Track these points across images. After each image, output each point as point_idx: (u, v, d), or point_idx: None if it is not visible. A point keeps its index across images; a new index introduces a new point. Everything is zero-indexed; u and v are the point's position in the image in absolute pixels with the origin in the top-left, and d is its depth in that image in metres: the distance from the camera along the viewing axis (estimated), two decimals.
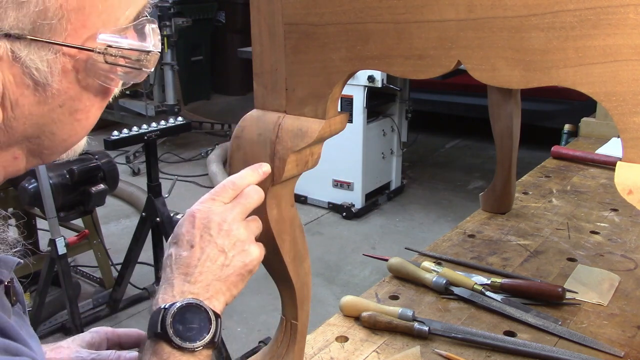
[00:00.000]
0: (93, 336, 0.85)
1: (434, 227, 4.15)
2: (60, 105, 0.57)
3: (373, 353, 1.12)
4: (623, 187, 0.64)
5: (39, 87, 0.55)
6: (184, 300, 0.69)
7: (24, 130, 0.56)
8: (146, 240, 2.87)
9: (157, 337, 0.68)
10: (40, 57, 0.53)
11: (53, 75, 0.55)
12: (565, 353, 1.10)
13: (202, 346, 0.68)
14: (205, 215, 0.74)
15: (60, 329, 2.96)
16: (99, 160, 2.72)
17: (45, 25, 0.52)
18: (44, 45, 0.53)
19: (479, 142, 5.80)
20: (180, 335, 0.67)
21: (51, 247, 2.55)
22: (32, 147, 0.59)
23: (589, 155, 2.12)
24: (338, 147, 3.95)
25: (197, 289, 0.71)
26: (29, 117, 0.56)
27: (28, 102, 0.55)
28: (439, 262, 1.44)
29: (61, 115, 0.57)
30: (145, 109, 5.61)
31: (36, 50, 0.53)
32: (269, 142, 0.85)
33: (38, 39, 0.53)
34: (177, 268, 0.72)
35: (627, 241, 1.54)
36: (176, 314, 0.68)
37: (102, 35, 0.56)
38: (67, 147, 0.62)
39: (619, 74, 0.62)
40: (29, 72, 0.54)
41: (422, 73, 0.74)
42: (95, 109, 0.60)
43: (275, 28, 0.82)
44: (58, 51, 0.54)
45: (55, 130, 0.58)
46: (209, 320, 0.69)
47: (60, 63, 0.55)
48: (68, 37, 0.54)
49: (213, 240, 0.73)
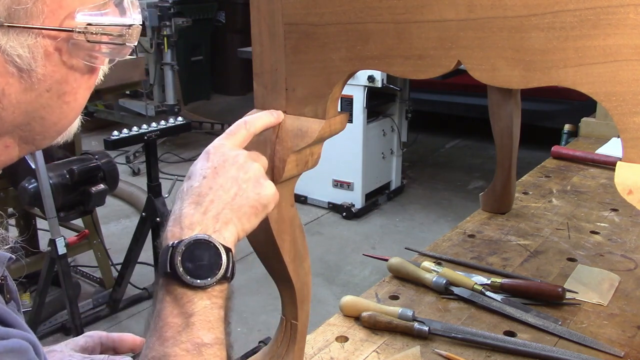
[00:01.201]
0: (87, 340, 0.85)
1: (434, 227, 4.15)
2: (47, 90, 0.56)
3: (373, 353, 1.12)
4: (623, 187, 0.64)
5: (23, 74, 0.54)
6: (191, 236, 0.67)
7: (13, 119, 0.56)
8: (146, 240, 2.86)
9: (167, 276, 0.67)
10: (21, 43, 0.53)
11: (36, 60, 0.54)
12: (565, 353, 1.10)
13: (215, 282, 0.67)
14: (220, 150, 0.75)
15: (60, 329, 2.96)
16: (99, 160, 2.72)
17: (20, 10, 0.52)
18: (22, 30, 0.53)
19: (479, 142, 5.79)
20: (190, 273, 0.66)
21: (51, 247, 2.55)
22: (24, 135, 0.58)
23: (589, 155, 2.12)
24: (338, 147, 3.95)
25: (207, 219, 0.69)
26: (17, 105, 0.55)
27: (15, 91, 0.54)
28: (439, 262, 1.44)
29: (49, 100, 0.57)
30: (145, 109, 5.60)
31: (15, 37, 0.53)
32: (269, 142, 0.85)
33: (15, 25, 0.52)
34: (187, 197, 0.71)
35: (627, 241, 1.54)
36: (184, 252, 0.66)
37: (80, 14, 0.55)
38: (59, 131, 0.62)
39: (619, 74, 0.62)
40: (11, 59, 0.53)
41: (422, 73, 0.74)
42: (83, 89, 0.60)
43: (275, 28, 0.82)
44: (38, 35, 0.53)
45: (45, 115, 0.58)
46: (218, 255, 0.67)
47: (41, 47, 0.54)
48: (46, 19, 0.54)
49: (227, 171, 0.72)
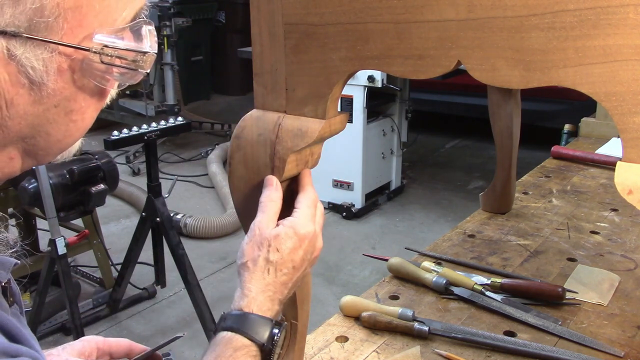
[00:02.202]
0: (84, 345, 0.85)
1: (434, 227, 4.15)
2: (55, 105, 0.56)
3: (373, 353, 1.12)
4: (623, 187, 0.64)
5: (34, 87, 0.54)
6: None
7: (19, 130, 0.56)
8: (146, 240, 2.86)
9: (258, 346, 0.74)
10: (36, 56, 0.53)
11: (49, 74, 0.54)
12: (565, 353, 1.10)
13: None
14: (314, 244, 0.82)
15: (60, 329, 2.96)
16: (99, 160, 2.72)
17: (41, 23, 0.52)
18: (40, 43, 0.53)
19: (479, 142, 5.80)
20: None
21: (51, 247, 2.55)
22: (28, 148, 0.58)
23: (589, 155, 2.12)
24: (338, 147, 3.95)
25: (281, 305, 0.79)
26: (24, 116, 0.55)
27: (23, 102, 0.55)
28: (439, 262, 1.44)
29: (56, 116, 0.57)
30: (145, 109, 5.60)
31: (32, 49, 0.53)
32: (269, 142, 0.85)
33: (34, 37, 0.52)
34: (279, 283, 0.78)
35: (627, 241, 1.54)
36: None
37: (98, 35, 0.56)
38: (62, 148, 0.62)
39: (619, 74, 0.62)
40: (24, 70, 0.53)
41: (422, 73, 0.74)
42: (91, 110, 0.60)
43: (275, 28, 0.82)
44: (54, 50, 0.54)
45: (51, 131, 0.58)
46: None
47: (56, 62, 0.54)
48: (64, 36, 0.54)
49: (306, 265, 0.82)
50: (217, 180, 4.75)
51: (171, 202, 3.31)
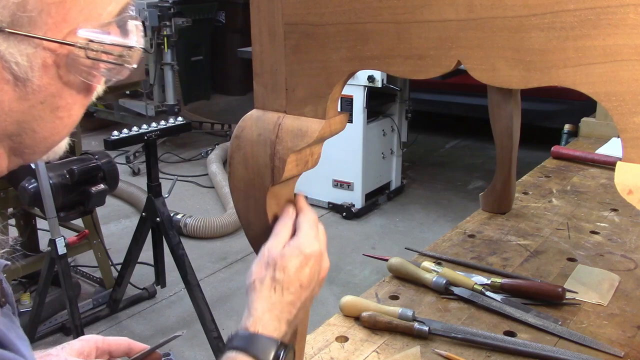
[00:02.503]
0: (83, 344, 0.85)
1: (434, 227, 4.15)
2: (41, 102, 0.56)
3: (373, 353, 1.12)
4: (623, 187, 0.64)
5: (19, 83, 0.54)
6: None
7: (4, 127, 0.55)
8: (146, 240, 2.86)
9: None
10: (20, 51, 0.52)
11: (33, 70, 0.54)
12: (565, 353, 1.10)
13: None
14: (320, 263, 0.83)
15: (60, 329, 2.96)
16: (99, 160, 2.72)
17: (24, 17, 0.52)
18: (24, 38, 0.52)
19: (479, 142, 5.79)
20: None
21: (51, 247, 2.55)
22: (14, 146, 0.58)
23: (589, 155, 2.12)
24: (338, 147, 3.95)
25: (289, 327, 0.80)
26: (9, 113, 0.55)
27: (8, 98, 0.54)
28: (439, 262, 1.44)
29: (42, 112, 0.56)
30: (145, 109, 5.60)
31: (15, 44, 0.52)
32: (269, 142, 0.85)
33: (17, 32, 0.52)
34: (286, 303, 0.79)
35: (627, 241, 1.54)
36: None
37: (83, 30, 0.55)
38: (49, 147, 0.61)
39: (619, 74, 0.62)
40: (8, 66, 0.53)
41: (422, 73, 0.74)
42: (78, 106, 0.59)
43: (275, 28, 0.82)
44: (38, 45, 0.53)
45: (37, 128, 0.57)
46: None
47: (40, 58, 0.54)
48: (48, 31, 0.53)
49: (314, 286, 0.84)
50: (217, 180, 4.75)
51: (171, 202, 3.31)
